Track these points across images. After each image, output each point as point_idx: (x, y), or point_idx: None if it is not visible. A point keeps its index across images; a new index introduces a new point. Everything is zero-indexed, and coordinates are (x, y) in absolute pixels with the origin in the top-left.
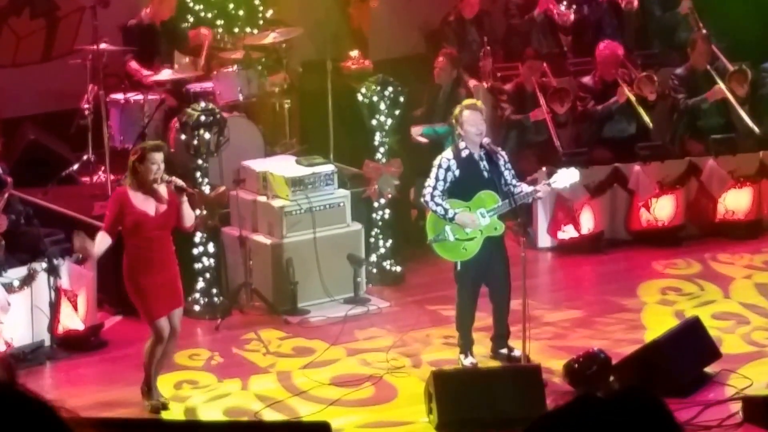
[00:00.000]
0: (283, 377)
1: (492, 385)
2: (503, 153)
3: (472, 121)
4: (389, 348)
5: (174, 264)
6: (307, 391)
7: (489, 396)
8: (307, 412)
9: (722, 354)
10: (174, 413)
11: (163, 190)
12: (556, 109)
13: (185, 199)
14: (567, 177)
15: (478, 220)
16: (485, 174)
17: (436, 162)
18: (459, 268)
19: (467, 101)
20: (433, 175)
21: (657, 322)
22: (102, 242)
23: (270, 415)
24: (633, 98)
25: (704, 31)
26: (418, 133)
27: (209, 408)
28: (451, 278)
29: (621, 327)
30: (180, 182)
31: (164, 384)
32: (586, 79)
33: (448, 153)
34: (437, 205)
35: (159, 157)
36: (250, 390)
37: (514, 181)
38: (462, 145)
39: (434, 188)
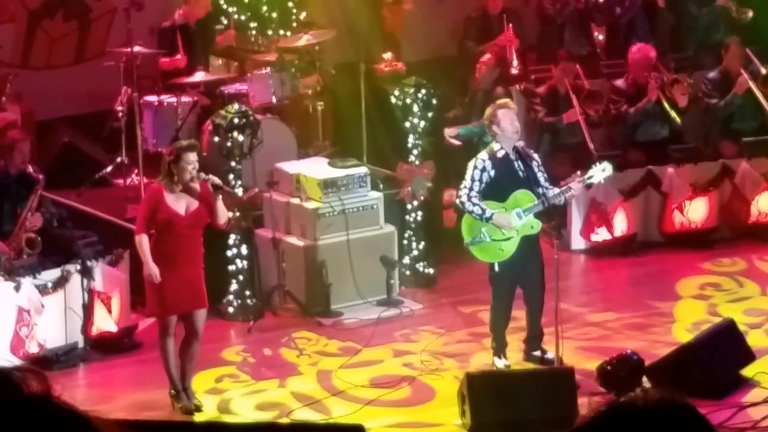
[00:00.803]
0: (319, 378)
1: (525, 387)
2: (536, 156)
3: (508, 118)
4: (422, 350)
5: (200, 264)
6: (344, 392)
7: (522, 398)
8: (343, 413)
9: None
10: (208, 406)
11: (197, 187)
12: (589, 111)
13: (221, 197)
14: (602, 171)
15: (515, 220)
16: (520, 174)
17: (471, 163)
18: (496, 269)
19: (500, 101)
20: (468, 176)
21: (688, 315)
22: (147, 245)
23: (305, 415)
24: (664, 98)
25: (750, 13)
26: (451, 134)
27: (243, 402)
28: (484, 280)
29: (654, 329)
30: (216, 180)
31: (204, 378)
32: (619, 82)
33: (483, 154)
34: (474, 205)
35: (193, 156)
36: (287, 388)
37: (546, 184)
38: (497, 146)
39: (470, 189)
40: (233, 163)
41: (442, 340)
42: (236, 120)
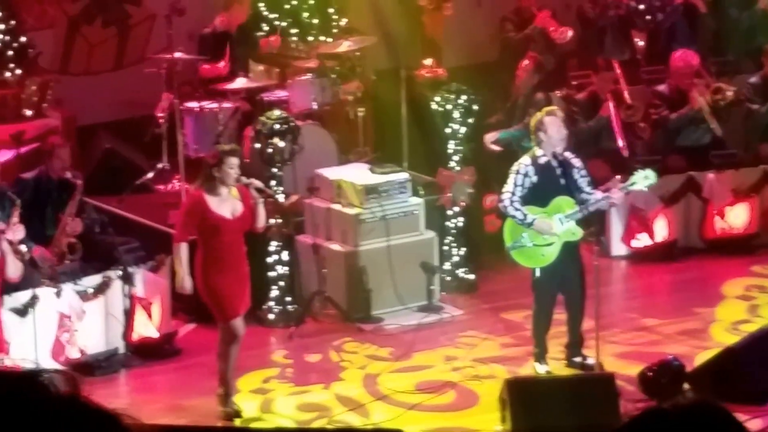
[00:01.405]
0: (363, 382)
1: (565, 393)
2: (578, 162)
3: (555, 126)
4: (464, 355)
5: (245, 264)
6: (388, 397)
7: (563, 404)
8: (384, 418)
9: None
10: (250, 406)
11: (235, 192)
12: (626, 120)
13: (261, 200)
14: (644, 178)
15: (556, 225)
16: (561, 180)
17: (514, 168)
18: (538, 274)
19: (548, 108)
20: (511, 181)
21: (728, 315)
22: (186, 256)
23: (346, 419)
24: (706, 106)
25: None
26: (492, 139)
27: (285, 402)
28: (525, 286)
29: (695, 334)
30: (258, 183)
31: (249, 380)
32: (662, 88)
33: (525, 159)
34: (516, 210)
35: (235, 161)
36: (331, 391)
37: (588, 189)
38: (539, 152)
39: (513, 194)
40: (274, 170)
41: (483, 345)
42: (277, 126)
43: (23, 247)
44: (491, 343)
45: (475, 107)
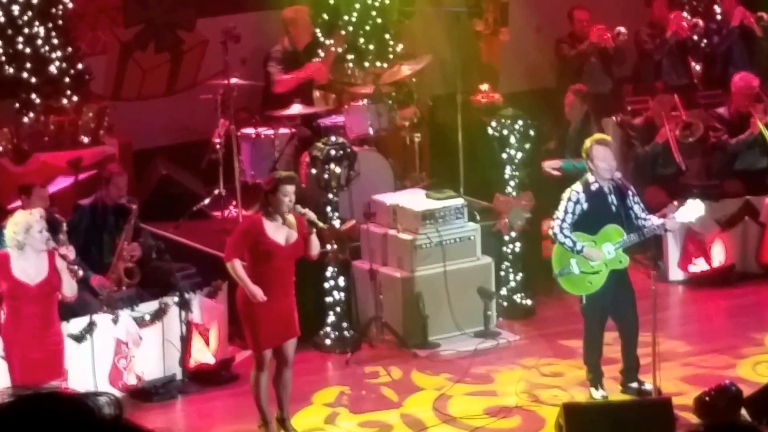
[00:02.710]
0: (432, 405)
1: (622, 418)
2: (632, 188)
3: (602, 156)
4: (520, 379)
5: (292, 293)
6: (455, 419)
7: (619, 429)
8: None
9: None
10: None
11: (292, 219)
12: (681, 139)
13: (314, 230)
14: (692, 210)
15: (604, 253)
16: (613, 208)
17: (565, 195)
18: (584, 302)
19: (598, 135)
20: (562, 207)
21: None
22: (242, 269)
23: None
24: (765, 130)
25: None
26: (552, 166)
27: (347, 419)
28: None
29: (753, 360)
30: (312, 216)
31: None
32: (722, 110)
33: (577, 186)
34: (566, 237)
35: (291, 189)
36: (398, 411)
37: (643, 215)
38: (592, 178)
39: (563, 221)
40: (331, 195)
41: (540, 370)
42: (333, 152)
43: (74, 267)
44: (548, 367)
45: (532, 132)
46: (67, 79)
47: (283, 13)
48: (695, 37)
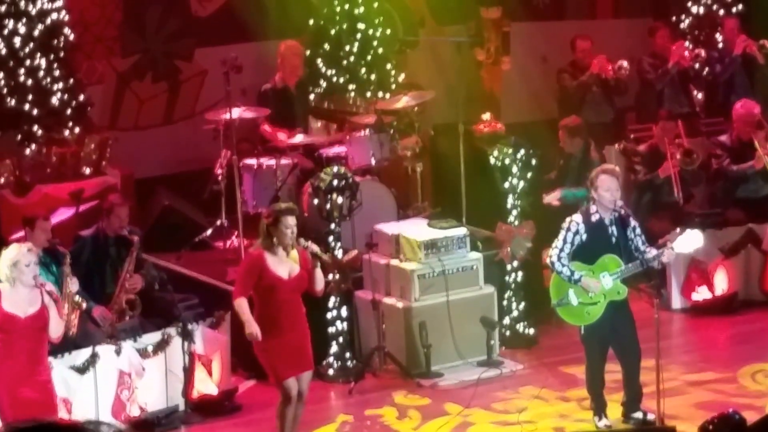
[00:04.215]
0: None
1: None
2: (633, 221)
3: (607, 186)
4: (523, 409)
5: (304, 326)
6: None
7: None
8: None
9: None
10: None
11: (295, 253)
12: (682, 165)
13: (319, 264)
14: (690, 241)
15: (603, 284)
16: (613, 239)
17: (565, 225)
18: (583, 332)
19: (605, 165)
20: (561, 237)
21: None
22: (246, 307)
23: None
24: (766, 160)
25: None
26: (553, 198)
27: None
28: None
29: (757, 388)
30: (315, 248)
31: None
32: (724, 138)
33: (577, 217)
34: (563, 266)
35: (292, 221)
36: None
37: (643, 247)
38: (593, 209)
39: (561, 250)
40: (333, 225)
41: (543, 400)
42: (335, 182)
43: (78, 298)
44: (550, 397)
45: (534, 162)
46: (68, 111)
47: (279, 46)
48: (697, 66)
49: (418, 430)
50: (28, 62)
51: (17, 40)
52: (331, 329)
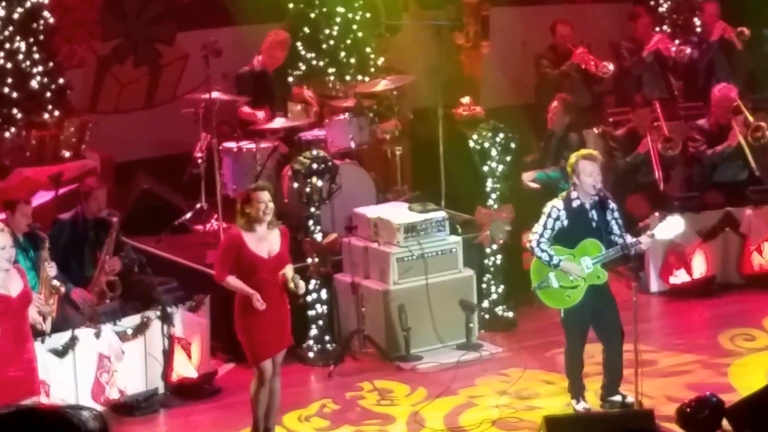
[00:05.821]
0: (401, 419)
1: (604, 430)
2: (613, 205)
3: (589, 171)
4: (503, 392)
5: (285, 304)
6: None
7: None
8: None
9: None
10: None
11: (276, 232)
12: (663, 152)
13: (300, 282)
14: (671, 227)
15: (582, 268)
16: (593, 224)
17: (545, 210)
18: (563, 315)
19: (585, 151)
20: (541, 222)
21: None
22: (239, 282)
23: None
24: (744, 142)
25: None
26: (530, 178)
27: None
28: None
29: (734, 370)
30: (301, 285)
31: (290, 417)
32: (702, 122)
33: (558, 202)
34: (542, 251)
35: (265, 195)
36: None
37: (619, 233)
38: (574, 194)
39: (541, 235)
40: (312, 209)
41: (521, 383)
42: (315, 165)
43: (56, 282)
44: (529, 379)
45: (513, 145)
46: (48, 94)
47: (268, 34)
48: (674, 48)
49: (398, 412)
50: (7, 45)
51: None
52: (311, 312)
